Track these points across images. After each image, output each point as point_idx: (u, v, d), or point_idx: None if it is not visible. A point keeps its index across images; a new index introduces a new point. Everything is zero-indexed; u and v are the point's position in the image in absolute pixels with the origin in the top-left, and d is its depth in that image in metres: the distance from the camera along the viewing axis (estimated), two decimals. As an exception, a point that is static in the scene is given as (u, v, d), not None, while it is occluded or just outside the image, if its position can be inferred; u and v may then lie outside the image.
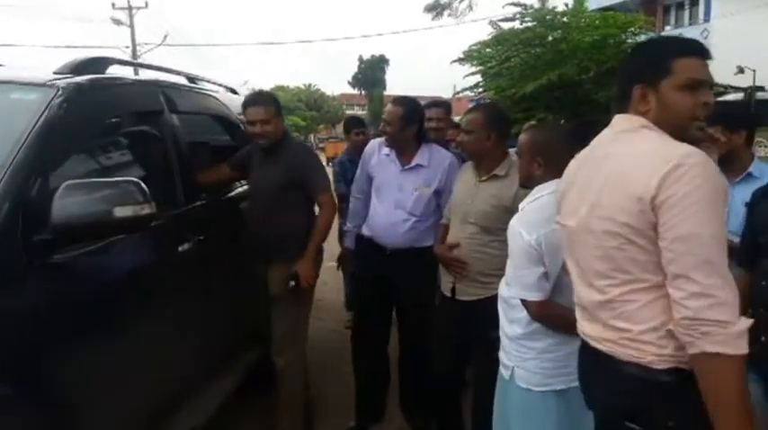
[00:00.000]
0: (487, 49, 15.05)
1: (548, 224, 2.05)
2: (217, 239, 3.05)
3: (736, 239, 2.39)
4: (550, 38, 13.64)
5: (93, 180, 1.94)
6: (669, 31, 21.78)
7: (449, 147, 3.79)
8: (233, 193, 3.53)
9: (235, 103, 3.82)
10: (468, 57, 15.20)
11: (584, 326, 1.67)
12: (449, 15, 10.89)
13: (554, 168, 2.13)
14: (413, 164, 3.32)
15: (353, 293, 3.59)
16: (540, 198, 2.19)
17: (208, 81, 3.79)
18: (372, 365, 3.61)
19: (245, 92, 5.38)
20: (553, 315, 2.10)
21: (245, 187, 3.53)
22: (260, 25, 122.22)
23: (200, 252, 2.73)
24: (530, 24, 14.21)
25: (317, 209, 3.31)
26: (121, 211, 1.84)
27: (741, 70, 14.93)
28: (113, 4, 27.21)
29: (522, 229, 2.10)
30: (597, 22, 13.30)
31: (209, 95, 3.52)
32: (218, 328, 3.04)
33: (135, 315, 2.25)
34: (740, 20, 17.18)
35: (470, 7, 10.38)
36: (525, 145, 2.28)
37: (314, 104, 53.01)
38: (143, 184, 1.96)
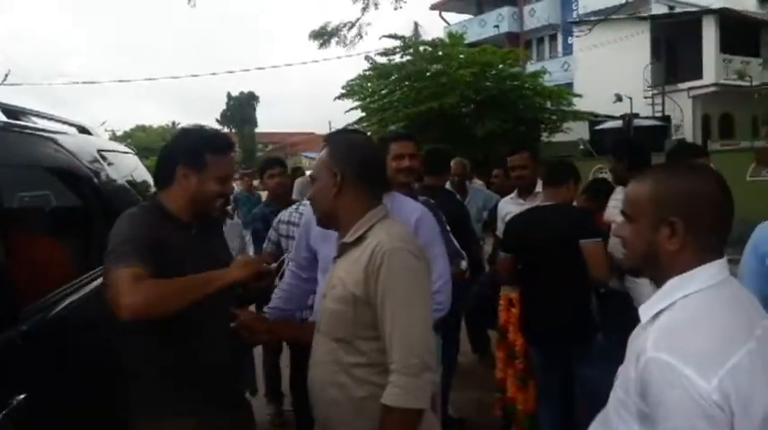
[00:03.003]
0: (368, 84, 14.78)
1: (731, 351, 1.11)
2: (62, 388, 1.81)
3: None
4: (429, 73, 13.69)
5: None
6: (533, 64, 22.66)
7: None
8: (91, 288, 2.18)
9: (88, 147, 2.60)
10: (349, 92, 14.86)
11: None
12: (337, 44, 10.21)
13: (704, 240, 1.23)
14: None
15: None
16: (685, 300, 1.21)
17: (45, 116, 2.54)
18: None
19: (102, 132, 4.13)
20: None
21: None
22: (119, 62, 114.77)
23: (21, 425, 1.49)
24: (410, 58, 14.19)
25: None
26: None
27: (619, 98, 15.55)
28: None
29: (689, 368, 1.10)
30: (475, 55, 13.48)
31: (43, 137, 2.26)
32: None
33: None
34: (603, 52, 18.07)
35: (360, 36, 9.78)
36: (643, 199, 1.28)
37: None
38: None
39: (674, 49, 17.94)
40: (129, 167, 3.06)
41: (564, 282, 2.98)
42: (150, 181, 3.36)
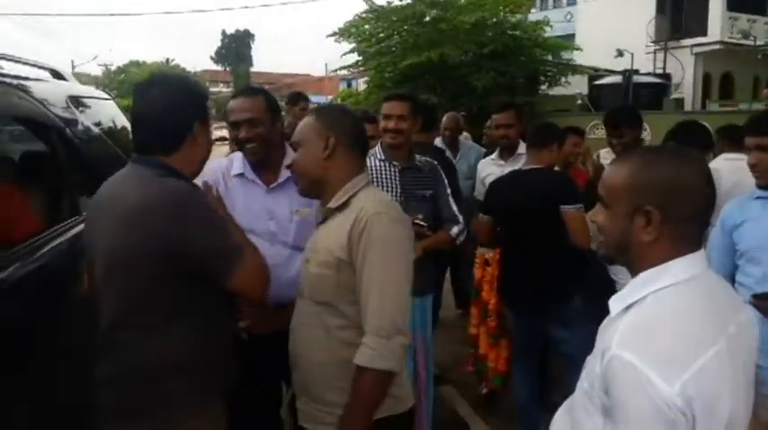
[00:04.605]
0: (365, 26, 14.37)
1: (698, 353, 1.07)
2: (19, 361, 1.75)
3: None
4: (428, 17, 13.31)
5: None
6: (535, 13, 22.12)
7: None
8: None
9: (58, 93, 2.51)
10: (344, 33, 14.45)
11: None
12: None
13: (682, 231, 1.18)
14: (281, 179, 2.30)
15: None
16: (657, 294, 1.16)
17: (14, 60, 2.42)
18: None
19: (95, 68, 3.95)
20: None
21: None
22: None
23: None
24: (409, 1, 13.77)
25: None
26: None
27: (620, 53, 15.22)
28: None
29: (652, 370, 1.05)
30: (475, 0, 13.07)
31: (6, 83, 2.13)
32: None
33: None
34: (608, 2, 17.58)
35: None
36: (620, 185, 1.22)
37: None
38: None
39: (679, 4, 17.46)
40: (106, 115, 2.96)
41: (545, 247, 2.97)
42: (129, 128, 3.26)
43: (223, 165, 2.36)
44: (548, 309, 3.01)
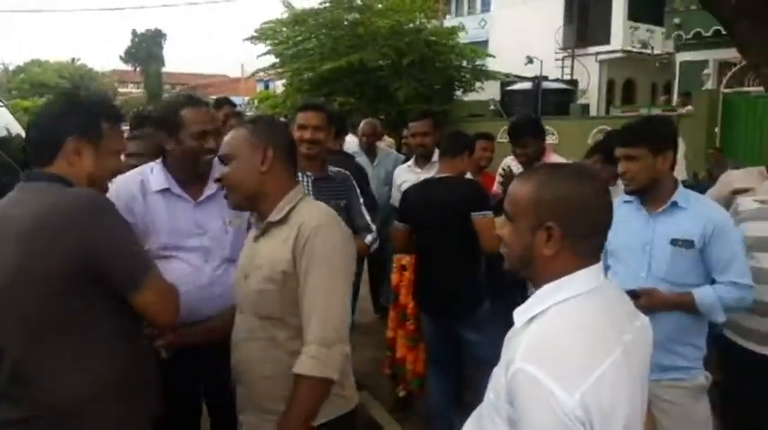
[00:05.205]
0: (283, 29, 14.24)
1: (595, 363, 1.11)
2: None
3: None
4: (346, 21, 13.35)
5: None
6: (450, 19, 22.62)
7: None
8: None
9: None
10: (261, 35, 14.24)
11: None
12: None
13: (581, 245, 1.23)
14: (209, 191, 2.23)
15: None
16: (558, 307, 1.20)
17: None
18: None
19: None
20: None
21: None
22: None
23: None
24: (327, 5, 13.78)
25: None
26: None
27: (530, 60, 15.83)
28: None
29: (554, 382, 1.09)
30: (393, 4, 13.24)
31: None
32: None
33: None
34: (521, 10, 18.27)
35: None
36: (524, 201, 1.25)
37: (80, 82, 46.61)
38: None
39: (585, 14, 18.40)
40: (-4, 122, 2.78)
41: (457, 253, 3.04)
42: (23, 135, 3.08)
43: (137, 179, 2.20)
44: (459, 313, 3.08)
